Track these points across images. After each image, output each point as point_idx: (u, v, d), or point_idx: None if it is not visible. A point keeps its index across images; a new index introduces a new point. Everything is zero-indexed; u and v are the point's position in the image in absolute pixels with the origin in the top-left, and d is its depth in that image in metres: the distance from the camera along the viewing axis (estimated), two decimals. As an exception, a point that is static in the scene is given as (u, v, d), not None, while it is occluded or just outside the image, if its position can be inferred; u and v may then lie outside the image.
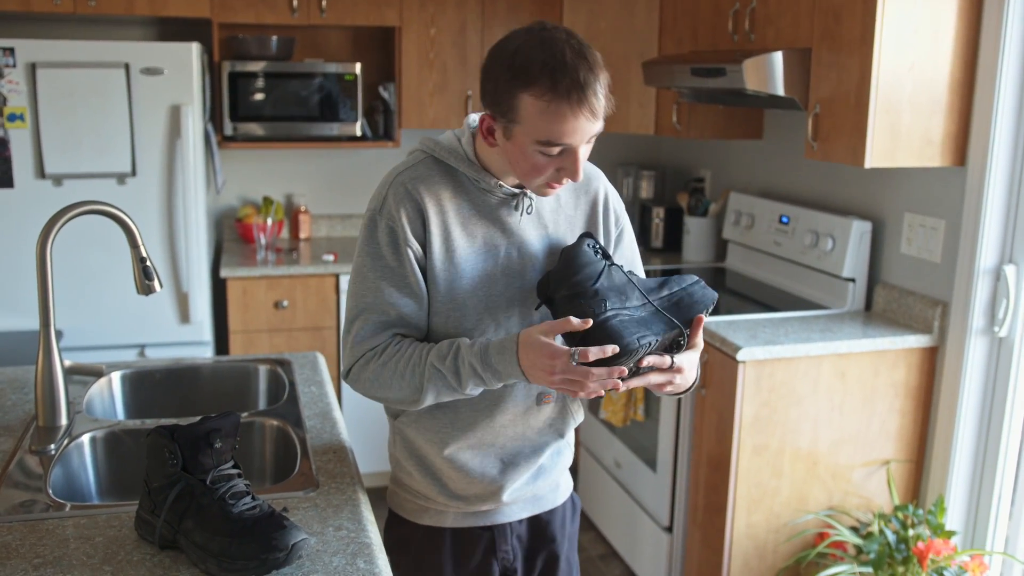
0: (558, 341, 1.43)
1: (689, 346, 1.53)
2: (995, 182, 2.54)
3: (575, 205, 1.64)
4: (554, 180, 1.48)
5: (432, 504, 1.69)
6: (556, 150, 1.42)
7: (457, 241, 1.54)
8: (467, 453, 1.62)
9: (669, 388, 1.51)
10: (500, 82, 1.41)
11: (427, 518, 1.70)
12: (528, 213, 1.58)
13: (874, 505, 2.82)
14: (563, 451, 1.74)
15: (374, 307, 1.54)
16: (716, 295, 1.57)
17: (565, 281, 1.50)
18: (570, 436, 1.75)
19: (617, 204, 1.70)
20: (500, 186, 1.54)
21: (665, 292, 1.53)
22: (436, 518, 1.69)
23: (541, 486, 1.72)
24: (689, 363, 1.51)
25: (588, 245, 1.54)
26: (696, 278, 1.57)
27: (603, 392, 1.43)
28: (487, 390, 1.57)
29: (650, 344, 1.44)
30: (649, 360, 1.44)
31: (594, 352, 1.37)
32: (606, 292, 1.47)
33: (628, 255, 1.71)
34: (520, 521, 1.73)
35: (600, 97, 1.40)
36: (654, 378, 1.47)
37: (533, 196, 1.57)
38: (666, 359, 1.46)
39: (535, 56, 1.38)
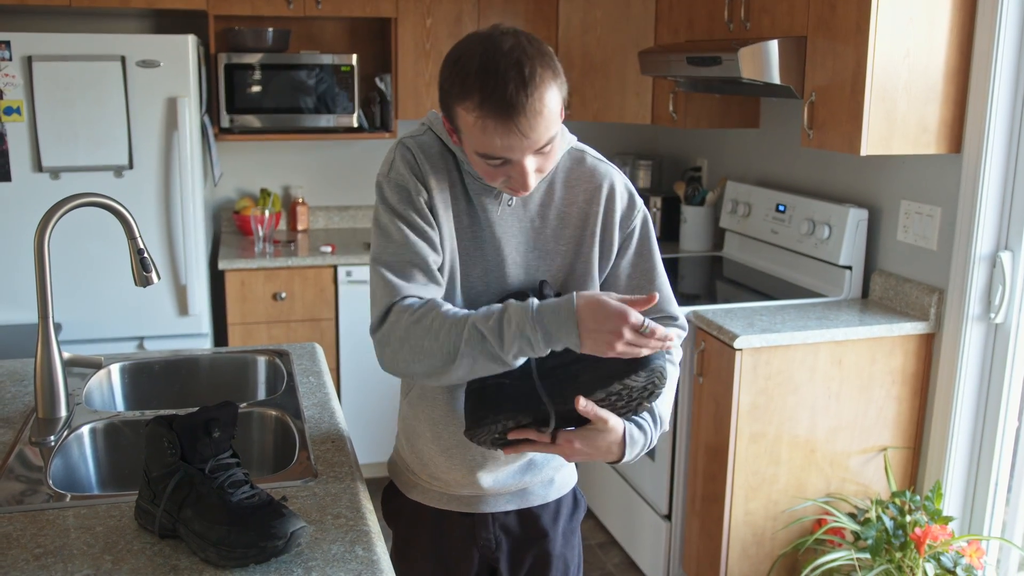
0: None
1: (589, 425, 1.42)
2: (991, 169, 2.55)
3: (569, 200, 1.57)
4: (510, 186, 1.44)
5: (418, 480, 1.70)
6: (497, 162, 1.39)
7: (442, 215, 1.52)
8: (450, 439, 1.60)
9: (577, 458, 1.45)
10: (443, 90, 1.39)
11: (415, 493, 1.70)
12: (509, 205, 1.54)
13: (871, 492, 2.83)
14: None
15: (401, 256, 1.47)
16: (641, 367, 1.35)
17: None
18: None
19: (627, 205, 1.60)
20: None
21: (573, 360, 1.40)
22: (422, 495, 1.70)
23: (530, 480, 1.69)
24: (583, 440, 1.42)
25: (512, 301, 1.43)
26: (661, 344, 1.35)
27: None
28: None
29: (506, 423, 1.40)
30: (520, 432, 1.42)
31: (661, 331, 1.31)
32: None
33: (638, 261, 1.61)
34: (506, 512, 1.70)
35: (533, 114, 1.32)
36: (540, 447, 1.44)
37: None
38: (543, 435, 1.42)
39: (471, 67, 1.33)
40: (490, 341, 1.36)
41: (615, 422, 1.43)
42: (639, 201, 1.62)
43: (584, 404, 1.37)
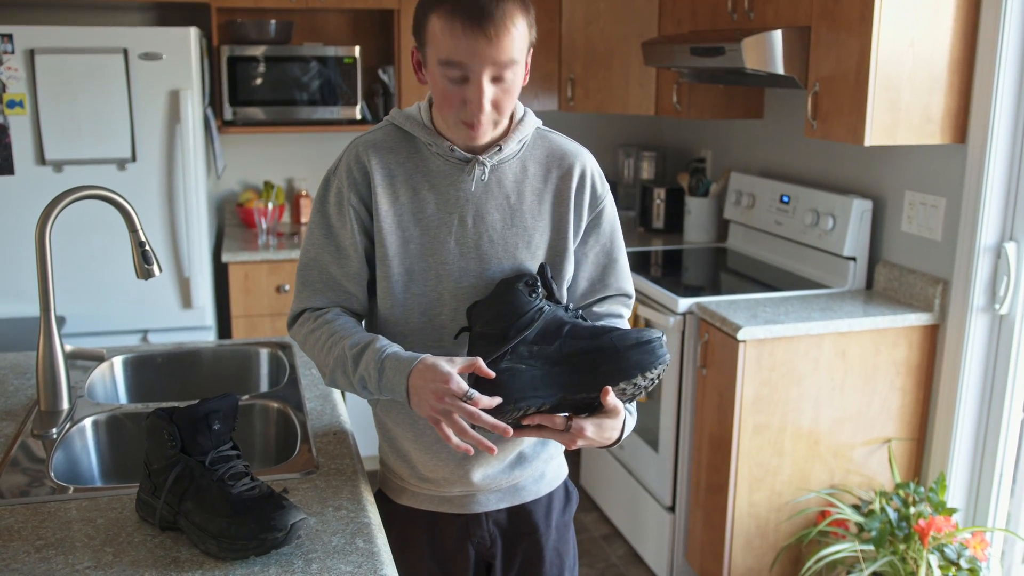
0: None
1: (602, 413, 1.44)
2: (995, 159, 2.53)
3: (544, 178, 1.59)
4: (465, 117, 1.47)
5: (407, 485, 1.68)
6: (457, 74, 1.42)
7: (406, 206, 1.54)
8: (432, 434, 1.59)
9: (578, 445, 1.45)
10: (419, 7, 1.46)
11: (405, 499, 1.68)
12: (483, 179, 1.55)
13: (875, 483, 2.83)
14: (549, 441, 1.68)
15: (315, 265, 1.60)
16: (660, 361, 1.42)
17: (483, 316, 1.48)
18: None
19: (598, 185, 1.63)
20: (452, 150, 1.53)
21: (593, 348, 1.42)
22: (413, 499, 1.68)
23: (520, 475, 1.67)
24: (595, 427, 1.44)
25: (524, 283, 1.48)
26: (651, 337, 1.43)
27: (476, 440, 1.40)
28: None
29: (527, 408, 1.40)
30: (533, 419, 1.42)
31: (485, 402, 1.36)
32: (515, 341, 1.43)
33: (604, 241, 1.65)
34: (499, 510, 1.69)
35: (501, 24, 1.39)
36: (546, 433, 1.44)
37: (487, 163, 1.54)
38: (557, 420, 1.42)
39: None
40: (349, 363, 1.49)
41: (621, 410, 1.46)
42: (606, 182, 1.66)
43: (611, 396, 1.41)
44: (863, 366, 2.74)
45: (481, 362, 1.39)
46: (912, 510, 2.59)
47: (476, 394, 1.36)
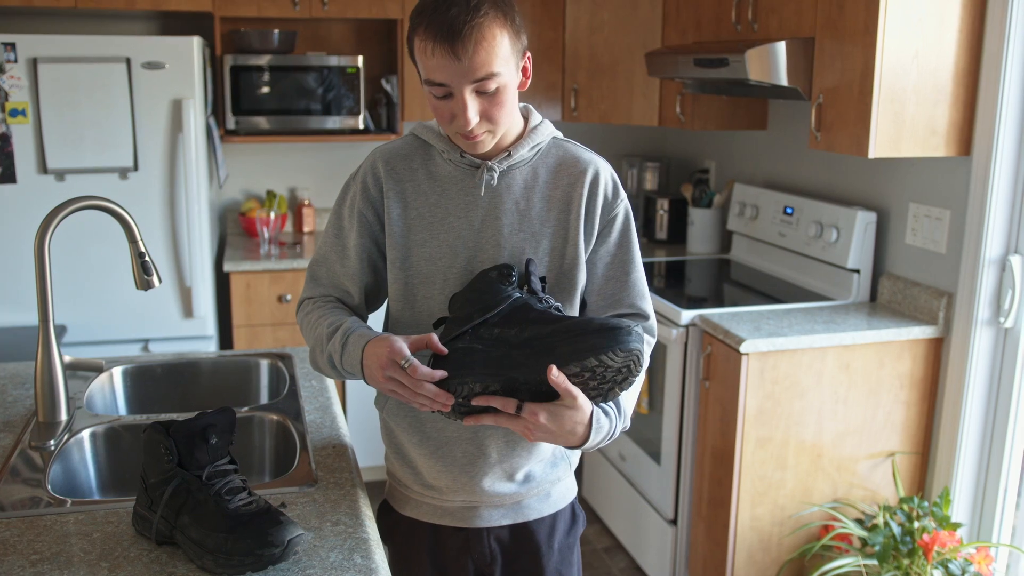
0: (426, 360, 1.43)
1: (559, 401, 1.39)
2: (1000, 172, 2.52)
3: (554, 183, 1.57)
4: (457, 129, 1.47)
5: (411, 493, 1.68)
6: (440, 91, 1.43)
7: (417, 211, 1.57)
8: (438, 437, 1.59)
9: (539, 437, 1.42)
10: (408, 28, 1.47)
11: (409, 509, 1.69)
12: (491, 184, 1.55)
13: (879, 497, 2.81)
14: (558, 462, 1.67)
15: (323, 261, 1.67)
16: (620, 346, 1.34)
17: (455, 304, 1.50)
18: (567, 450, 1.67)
19: (610, 193, 1.59)
20: (463, 156, 1.55)
21: (553, 332, 1.38)
22: (416, 510, 1.68)
23: (526, 494, 1.66)
24: (550, 415, 1.38)
25: (497, 272, 1.47)
26: (619, 324, 1.36)
27: (434, 409, 1.42)
28: None
29: (472, 385, 1.37)
30: (484, 400, 1.39)
31: (422, 371, 1.37)
32: (477, 321, 1.41)
33: (615, 251, 1.60)
34: (501, 527, 1.67)
35: (471, 40, 1.37)
36: (503, 419, 1.41)
37: (496, 168, 1.54)
38: (510, 402, 1.39)
39: (427, 0, 1.43)
40: (324, 342, 1.55)
41: (583, 401, 1.40)
42: (623, 192, 1.62)
43: (556, 374, 1.36)
44: (867, 379, 2.72)
45: (434, 337, 1.41)
46: (916, 525, 2.58)
47: (414, 361, 1.38)
